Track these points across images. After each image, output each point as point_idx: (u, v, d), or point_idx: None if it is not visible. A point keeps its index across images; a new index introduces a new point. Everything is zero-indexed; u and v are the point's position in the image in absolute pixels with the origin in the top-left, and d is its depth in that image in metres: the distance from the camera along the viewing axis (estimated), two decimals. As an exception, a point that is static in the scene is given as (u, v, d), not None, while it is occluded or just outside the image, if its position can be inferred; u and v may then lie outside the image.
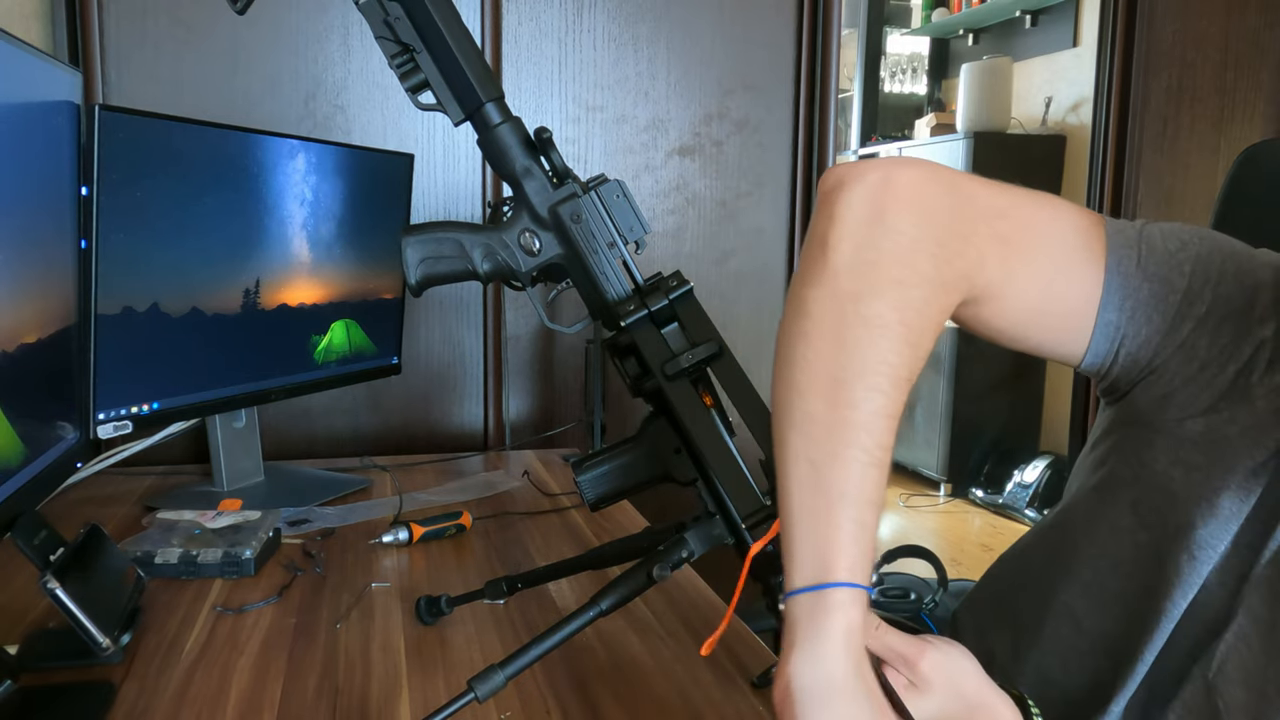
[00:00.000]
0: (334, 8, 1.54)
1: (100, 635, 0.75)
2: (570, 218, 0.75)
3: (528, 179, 0.75)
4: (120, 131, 1.02)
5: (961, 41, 4.67)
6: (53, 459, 0.86)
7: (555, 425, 1.74)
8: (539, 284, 0.79)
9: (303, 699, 0.77)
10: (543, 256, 0.76)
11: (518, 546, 1.15)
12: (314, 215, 1.33)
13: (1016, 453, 3.97)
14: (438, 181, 1.63)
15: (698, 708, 0.77)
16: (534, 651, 0.65)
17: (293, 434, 1.60)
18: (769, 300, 1.84)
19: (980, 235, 0.62)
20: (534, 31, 1.65)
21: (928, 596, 2.06)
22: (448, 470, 1.49)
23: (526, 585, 0.90)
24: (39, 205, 0.85)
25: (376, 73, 1.57)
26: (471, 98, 0.73)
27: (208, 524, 1.08)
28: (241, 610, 0.94)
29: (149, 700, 0.76)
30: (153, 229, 1.10)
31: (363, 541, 1.14)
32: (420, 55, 0.72)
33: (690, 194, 1.77)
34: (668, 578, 0.67)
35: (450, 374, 1.69)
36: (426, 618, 0.91)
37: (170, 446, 1.47)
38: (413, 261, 0.75)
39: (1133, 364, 0.66)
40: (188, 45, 1.48)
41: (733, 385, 0.72)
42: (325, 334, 1.40)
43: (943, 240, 0.61)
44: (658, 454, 0.74)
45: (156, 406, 1.14)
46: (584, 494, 0.75)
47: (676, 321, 0.74)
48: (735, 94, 1.77)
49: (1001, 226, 0.63)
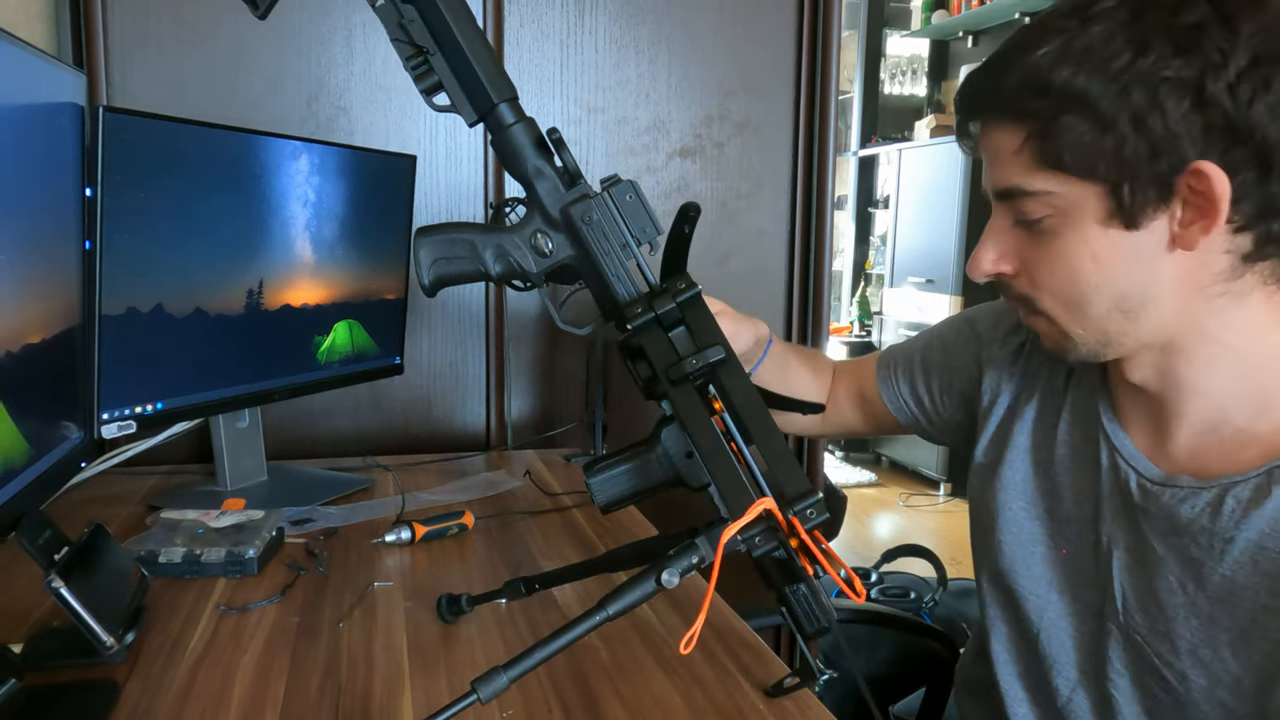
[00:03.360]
0: (337, 9, 1.54)
1: (104, 634, 0.75)
2: (582, 219, 0.75)
3: (540, 180, 0.75)
4: (124, 133, 1.03)
5: (961, 43, 4.68)
6: (57, 459, 0.86)
7: (557, 425, 1.74)
8: (549, 285, 0.79)
9: (305, 698, 0.77)
10: (555, 258, 0.76)
11: (520, 546, 1.15)
12: (317, 216, 1.34)
13: (1016, 453, 3.97)
14: (440, 183, 1.64)
15: (699, 707, 0.77)
16: (539, 654, 0.65)
17: (295, 434, 1.60)
18: (769, 301, 1.84)
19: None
20: (535, 33, 1.66)
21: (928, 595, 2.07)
22: (450, 470, 1.50)
23: (544, 586, 0.91)
24: (43, 206, 0.86)
25: (379, 74, 1.57)
26: (484, 99, 0.73)
27: (211, 523, 1.08)
28: (245, 609, 0.94)
29: (152, 699, 0.77)
30: (156, 230, 1.10)
31: (365, 541, 1.14)
32: (434, 57, 0.72)
33: (691, 195, 1.78)
34: (677, 584, 0.67)
35: (452, 374, 1.69)
36: (447, 616, 0.91)
37: (174, 446, 1.47)
38: (425, 262, 0.75)
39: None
40: (191, 47, 1.48)
41: (736, 390, 0.72)
42: (328, 334, 1.40)
43: None
44: (669, 458, 0.74)
45: (160, 406, 1.14)
46: (595, 497, 0.75)
47: (684, 325, 0.74)
48: (736, 95, 1.77)
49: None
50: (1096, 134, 0.64)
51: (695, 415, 0.71)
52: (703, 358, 0.71)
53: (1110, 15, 0.63)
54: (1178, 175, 0.63)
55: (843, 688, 1.12)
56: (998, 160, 0.71)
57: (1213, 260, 0.67)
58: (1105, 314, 0.70)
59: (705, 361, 0.71)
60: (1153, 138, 0.62)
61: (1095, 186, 0.66)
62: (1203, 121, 0.61)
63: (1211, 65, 0.60)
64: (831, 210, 1.81)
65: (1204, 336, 0.70)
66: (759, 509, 0.67)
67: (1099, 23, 0.63)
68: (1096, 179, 0.65)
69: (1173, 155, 0.63)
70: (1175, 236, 0.66)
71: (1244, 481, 0.69)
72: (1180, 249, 0.66)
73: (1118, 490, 0.78)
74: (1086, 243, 0.68)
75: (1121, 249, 0.67)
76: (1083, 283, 0.69)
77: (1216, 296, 0.68)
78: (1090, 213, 0.67)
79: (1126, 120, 0.62)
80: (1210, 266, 0.67)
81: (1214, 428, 0.73)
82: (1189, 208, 0.65)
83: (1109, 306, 0.69)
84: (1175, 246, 0.66)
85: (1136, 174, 0.64)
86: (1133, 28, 0.62)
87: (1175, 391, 0.73)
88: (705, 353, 0.71)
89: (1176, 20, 0.61)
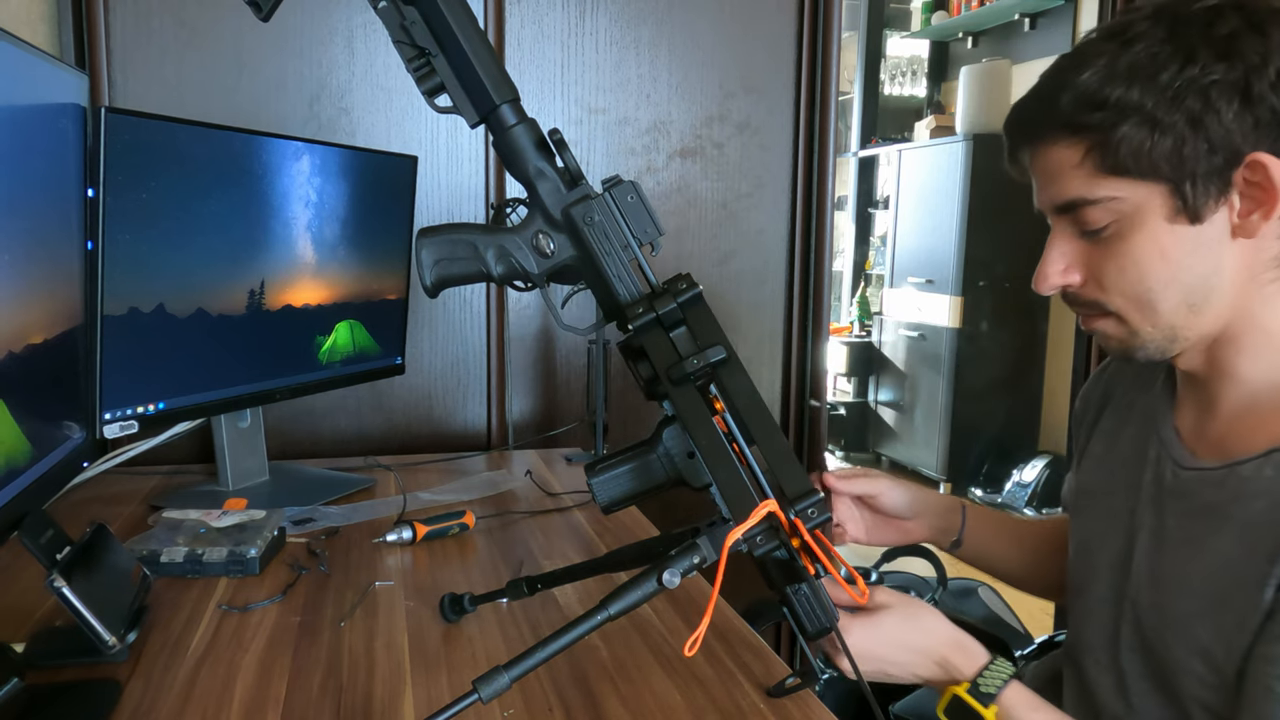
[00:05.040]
0: (338, 11, 1.54)
1: (106, 633, 0.75)
2: (584, 219, 0.75)
3: (541, 181, 0.75)
4: (126, 133, 1.03)
5: (961, 44, 4.68)
6: (59, 458, 0.86)
7: (557, 425, 1.74)
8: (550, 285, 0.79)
9: (307, 697, 0.78)
10: (556, 258, 0.76)
11: (521, 545, 1.15)
12: (318, 217, 1.34)
13: (1015, 452, 3.98)
14: (441, 183, 1.64)
15: (700, 707, 0.77)
16: (540, 654, 0.65)
17: (297, 434, 1.60)
18: (769, 301, 1.84)
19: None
20: (536, 34, 1.66)
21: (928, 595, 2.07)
22: (451, 470, 1.50)
23: (547, 586, 0.91)
24: (45, 207, 0.86)
25: (380, 75, 1.58)
26: (486, 100, 0.73)
27: (213, 523, 1.08)
28: (246, 609, 0.94)
29: (154, 698, 0.77)
30: (158, 230, 1.10)
31: (367, 540, 1.14)
32: (436, 59, 0.72)
33: (691, 195, 1.78)
34: (678, 584, 0.67)
35: (453, 374, 1.69)
36: (450, 615, 0.92)
37: (176, 446, 1.48)
38: (428, 263, 0.75)
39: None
40: (193, 48, 1.48)
41: (737, 390, 0.72)
42: (329, 334, 1.40)
43: None
44: (671, 458, 0.74)
45: (162, 406, 1.15)
46: (596, 497, 0.75)
47: (685, 325, 0.74)
48: (736, 96, 1.77)
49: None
50: (1156, 138, 0.69)
51: (697, 415, 0.71)
52: (704, 358, 0.71)
53: (1149, 35, 0.69)
54: (1235, 169, 0.69)
55: (843, 687, 1.13)
56: (1058, 176, 0.75)
57: (1268, 246, 0.72)
58: (1174, 309, 0.74)
59: (706, 361, 0.71)
60: (1210, 136, 0.68)
61: (1159, 186, 0.70)
62: (1253, 118, 0.67)
63: (1253, 67, 0.67)
64: (831, 210, 1.81)
65: (1253, 324, 0.74)
66: (763, 511, 0.67)
67: (1139, 42, 0.69)
68: (1160, 179, 0.70)
69: (1229, 150, 0.68)
70: (1236, 227, 0.71)
71: (1248, 462, 0.73)
72: (1241, 238, 0.71)
73: (1156, 479, 0.82)
74: (1155, 240, 0.72)
75: (1187, 243, 0.71)
76: (1152, 279, 0.73)
77: (1269, 284, 0.73)
78: (1156, 210, 0.71)
79: (1184, 122, 0.68)
80: (1266, 253, 0.72)
81: (1245, 413, 0.76)
82: (1246, 199, 0.70)
83: (1178, 301, 0.73)
84: (1237, 235, 0.71)
85: (1197, 171, 0.69)
86: (1174, 42, 0.68)
87: (1218, 378, 0.77)
88: (706, 353, 0.71)
89: (1213, 32, 0.68)
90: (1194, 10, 0.69)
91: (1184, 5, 0.70)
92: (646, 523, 1.25)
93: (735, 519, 0.69)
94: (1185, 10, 0.69)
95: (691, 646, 0.65)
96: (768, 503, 0.68)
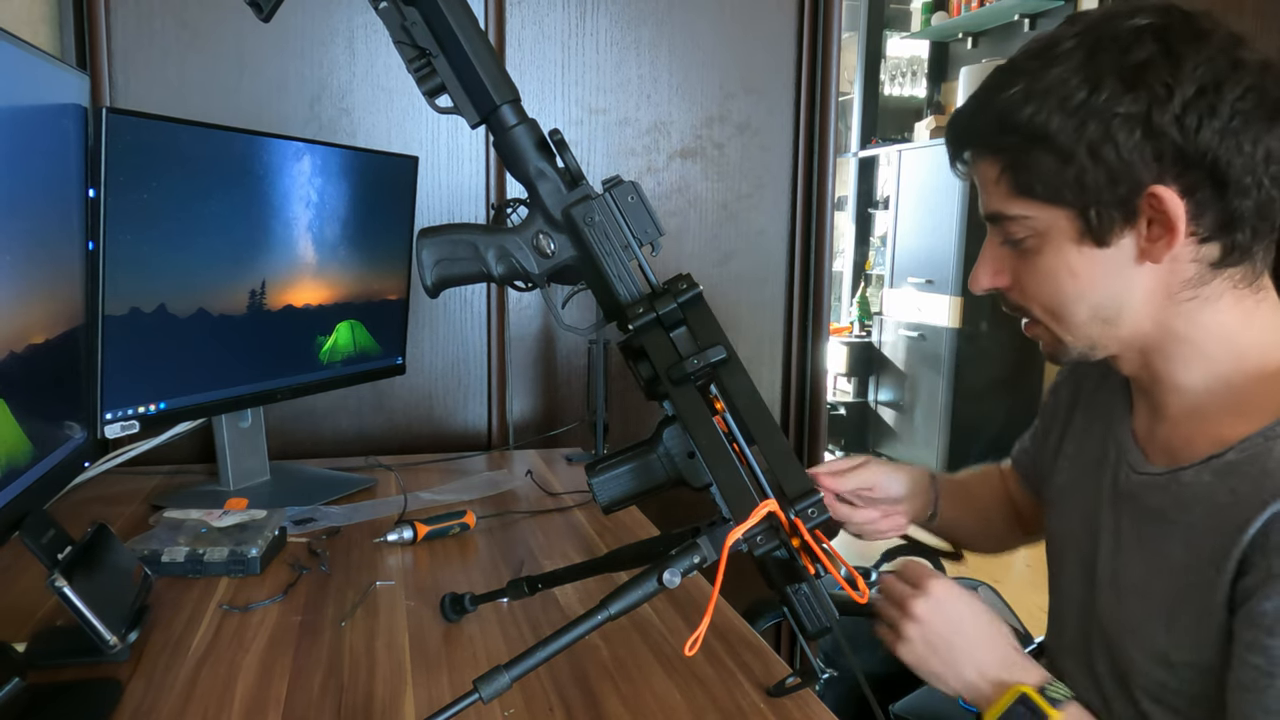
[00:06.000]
0: (339, 11, 1.54)
1: (107, 633, 0.75)
2: (584, 220, 0.75)
3: (542, 181, 0.75)
4: (127, 134, 1.03)
5: (961, 45, 4.68)
6: (60, 458, 0.86)
7: (558, 425, 1.74)
8: (551, 285, 0.79)
9: (308, 697, 0.78)
10: (556, 259, 0.76)
11: (521, 545, 1.15)
12: (319, 217, 1.34)
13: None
14: (442, 184, 1.64)
15: (700, 706, 0.77)
16: (540, 654, 0.65)
17: (298, 434, 1.61)
18: (769, 301, 1.85)
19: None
20: (537, 35, 1.66)
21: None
22: (452, 470, 1.50)
23: (547, 586, 0.91)
24: (47, 207, 0.86)
25: (381, 76, 1.58)
26: (487, 100, 0.73)
27: (214, 523, 1.08)
28: (247, 608, 0.94)
29: (155, 697, 0.77)
30: (159, 230, 1.10)
31: (367, 540, 1.14)
32: (437, 59, 0.72)
33: (692, 196, 1.78)
34: (678, 584, 0.67)
35: (454, 374, 1.69)
36: (451, 614, 0.92)
37: (177, 446, 1.48)
38: (429, 263, 0.75)
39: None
40: (194, 49, 1.48)
41: (738, 390, 0.72)
42: (330, 335, 1.40)
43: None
44: (671, 458, 0.74)
45: (163, 406, 1.15)
46: (597, 497, 0.75)
47: (685, 325, 0.74)
48: (736, 97, 1.77)
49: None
50: (1060, 165, 0.70)
51: (697, 415, 0.71)
52: (704, 358, 0.71)
53: (1069, 56, 0.70)
54: (1138, 198, 0.70)
55: (844, 686, 1.13)
56: (984, 188, 0.78)
57: (1182, 269, 0.72)
58: (1086, 321, 0.76)
59: (706, 361, 0.71)
60: (1109, 166, 0.69)
61: (1065, 211, 0.72)
62: (1153, 150, 0.68)
63: (1157, 99, 0.67)
64: (831, 211, 1.81)
65: (1176, 337, 0.75)
66: (763, 511, 0.67)
67: (1059, 64, 0.70)
68: (1065, 205, 0.72)
69: (1130, 181, 0.69)
70: (1143, 251, 0.72)
71: (1189, 469, 0.74)
72: (1149, 261, 0.72)
73: (1114, 481, 0.83)
74: (1064, 260, 0.74)
75: (1095, 264, 0.73)
76: (1063, 295, 0.76)
77: (1186, 301, 0.74)
78: (1064, 233, 0.73)
79: (1085, 152, 0.69)
80: (1180, 275, 0.73)
81: (1188, 418, 0.77)
82: (1154, 225, 0.71)
83: (1089, 315, 0.76)
84: (1144, 260, 0.72)
85: (1100, 199, 0.70)
86: (1087, 68, 0.69)
87: (1157, 386, 0.79)
88: (706, 353, 0.71)
89: (1126, 59, 0.68)
90: (1120, 30, 0.69)
91: (1113, 23, 0.70)
92: (646, 523, 1.25)
93: (735, 519, 0.69)
94: (1111, 30, 0.69)
95: (692, 646, 0.66)
96: (768, 502, 0.68)
